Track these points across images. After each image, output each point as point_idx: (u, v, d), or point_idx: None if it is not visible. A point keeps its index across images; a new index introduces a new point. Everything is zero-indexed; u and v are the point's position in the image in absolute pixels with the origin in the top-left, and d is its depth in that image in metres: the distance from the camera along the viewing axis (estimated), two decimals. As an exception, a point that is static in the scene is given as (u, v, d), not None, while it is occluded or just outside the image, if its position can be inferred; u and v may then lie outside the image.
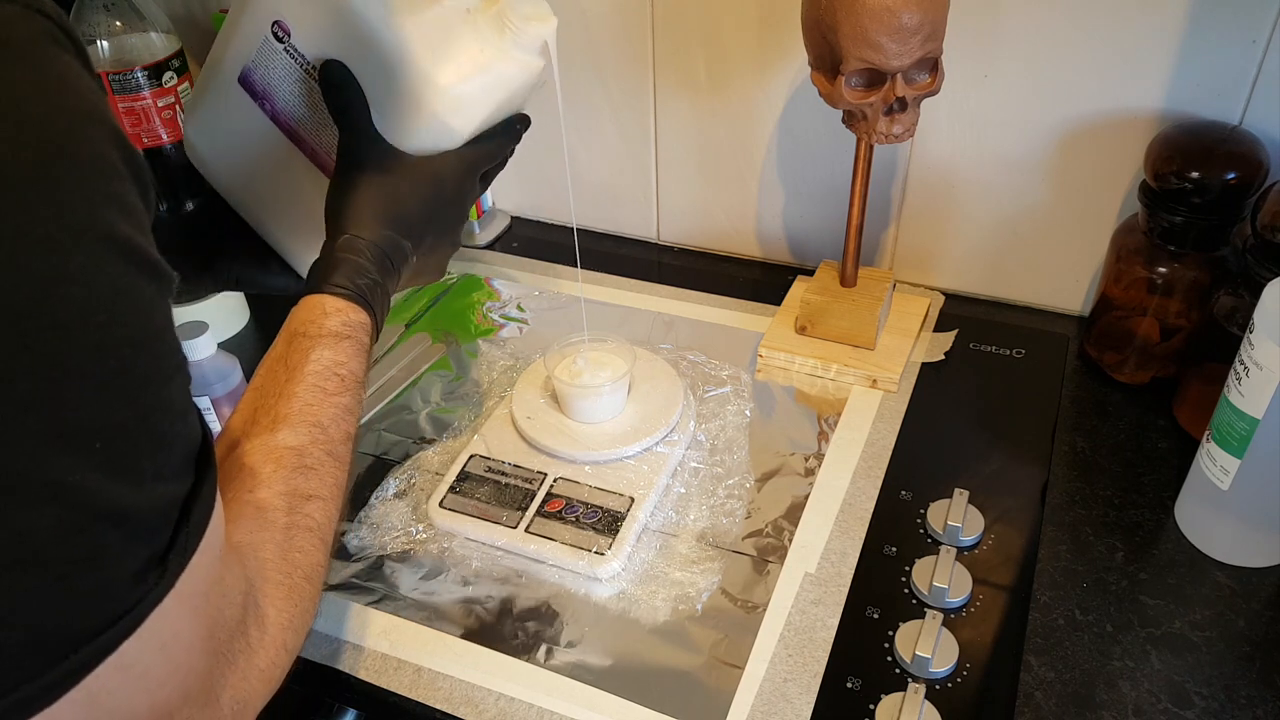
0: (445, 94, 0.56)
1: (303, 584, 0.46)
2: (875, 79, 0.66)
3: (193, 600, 0.36)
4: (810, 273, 0.87)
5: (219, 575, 0.39)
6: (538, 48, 0.58)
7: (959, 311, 0.87)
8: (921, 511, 0.67)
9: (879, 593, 0.62)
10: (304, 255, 0.66)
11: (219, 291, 0.70)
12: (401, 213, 0.58)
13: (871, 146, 0.74)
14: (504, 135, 0.64)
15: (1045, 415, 0.75)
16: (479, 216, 1.02)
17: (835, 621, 0.60)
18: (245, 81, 0.63)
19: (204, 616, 0.37)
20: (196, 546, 0.35)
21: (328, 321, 0.54)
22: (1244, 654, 0.58)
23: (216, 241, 0.69)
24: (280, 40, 0.60)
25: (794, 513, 0.68)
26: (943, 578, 0.61)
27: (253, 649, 0.42)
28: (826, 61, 0.68)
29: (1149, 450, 0.72)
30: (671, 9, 0.84)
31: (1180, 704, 0.55)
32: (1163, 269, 0.73)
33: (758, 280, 0.93)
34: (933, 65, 0.67)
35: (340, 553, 0.67)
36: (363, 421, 0.78)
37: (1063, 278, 0.85)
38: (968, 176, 0.83)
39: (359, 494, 0.71)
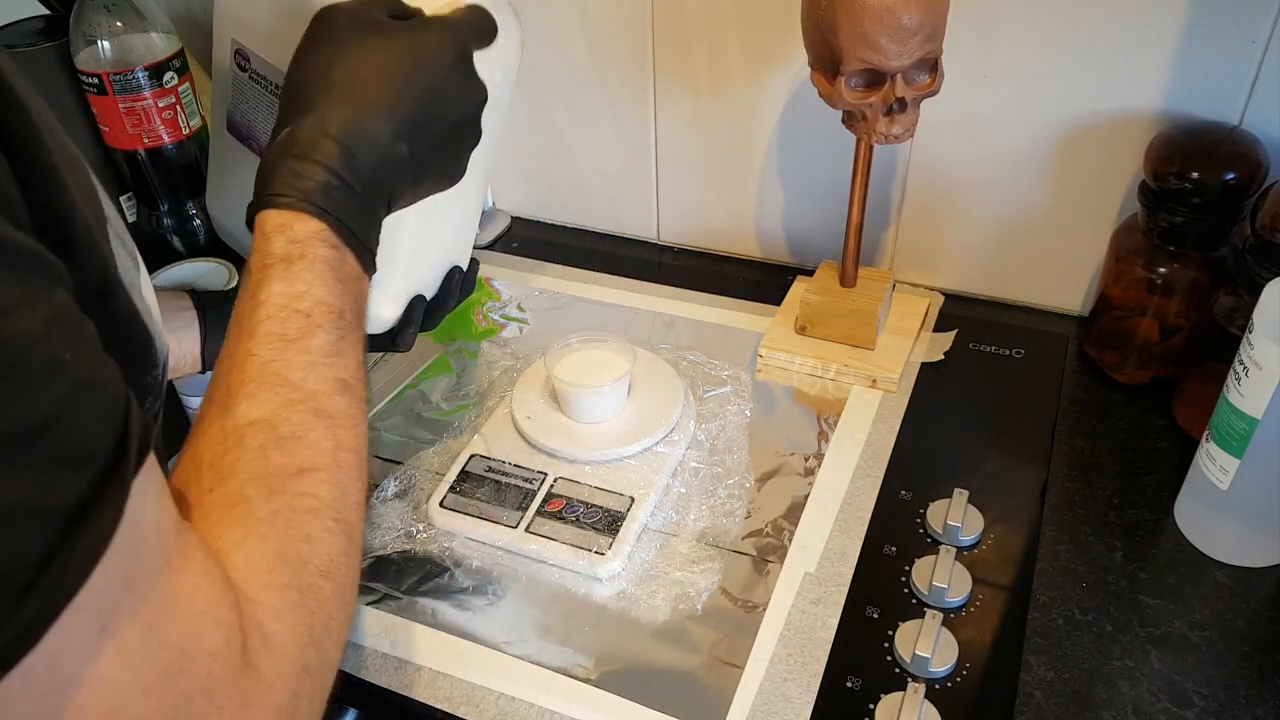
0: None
1: (318, 581, 0.37)
2: (875, 79, 0.66)
3: (105, 637, 0.28)
4: (810, 273, 0.87)
5: (169, 595, 0.30)
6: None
7: (959, 311, 0.87)
8: (921, 511, 0.67)
9: (879, 592, 0.62)
10: None
11: None
12: (355, 85, 0.45)
13: (871, 147, 0.74)
14: (478, 18, 0.53)
15: (1045, 415, 0.75)
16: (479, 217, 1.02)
17: (835, 621, 0.61)
18: (231, 127, 0.62)
19: (143, 654, 0.29)
20: (84, 572, 0.27)
21: (270, 245, 0.42)
22: (1244, 653, 0.58)
23: None
24: (244, 69, 0.59)
25: (794, 512, 0.68)
26: (942, 577, 0.61)
27: (264, 682, 0.33)
28: (826, 62, 0.68)
29: (1148, 450, 0.72)
30: (671, 9, 0.84)
31: (1180, 704, 0.55)
32: (1162, 269, 0.73)
33: (758, 280, 0.94)
34: (932, 65, 0.67)
35: (340, 552, 0.67)
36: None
37: (1062, 278, 0.85)
38: (967, 177, 0.83)
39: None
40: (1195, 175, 0.68)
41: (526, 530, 0.67)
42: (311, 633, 0.36)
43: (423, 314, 0.63)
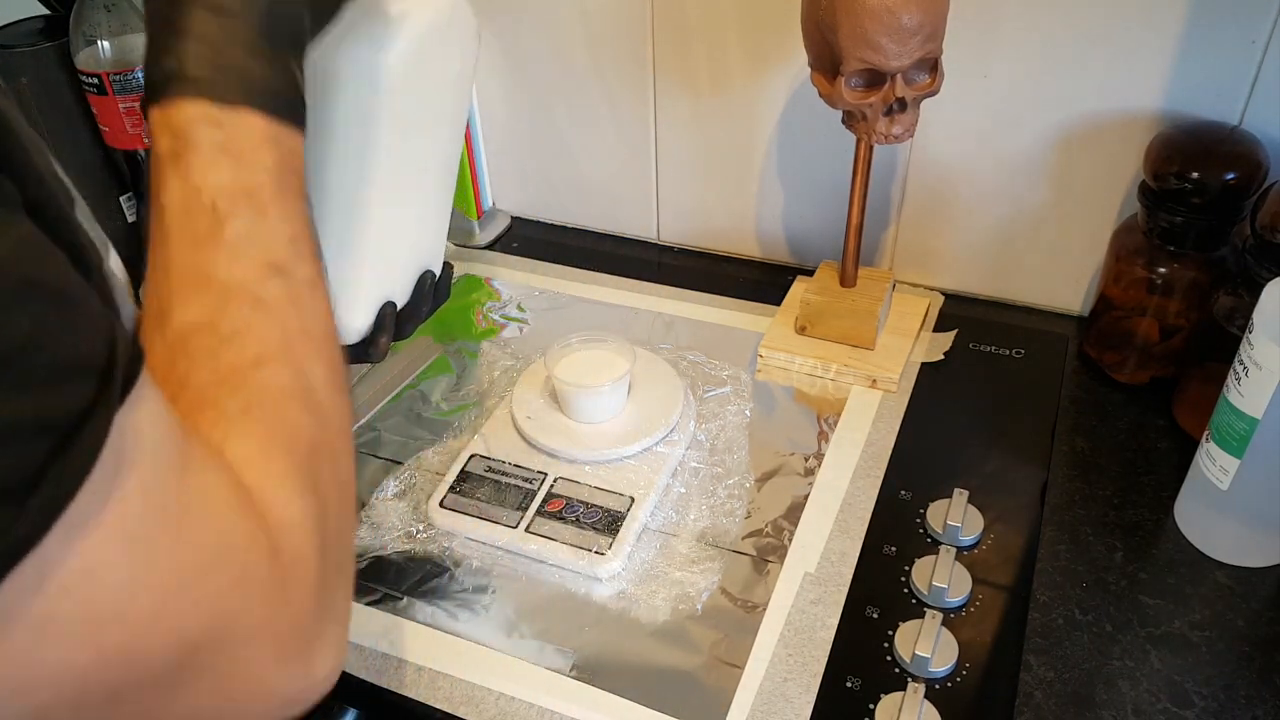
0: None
1: (310, 462, 0.37)
2: (875, 79, 0.66)
3: (134, 546, 0.29)
4: (810, 273, 0.87)
5: (191, 497, 0.31)
6: None
7: (958, 311, 0.87)
8: (921, 511, 0.67)
9: (878, 592, 0.62)
10: None
11: None
12: None
13: (871, 147, 0.74)
14: None
15: (1045, 415, 0.75)
16: (479, 217, 1.02)
17: (835, 621, 0.61)
18: None
19: (172, 558, 0.30)
20: (81, 474, 0.28)
21: (158, 145, 0.39)
22: (1243, 653, 0.58)
23: None
24: None
25: (794, 512, 0.68)
26: (942, 577, 0.61)
27: (295, 564, 0.34)
28: (826, 62, 0.68)
29: (1148, 450, 0.72)
30: (671, 9, 0.84)
31: (1180, 704, 0.55)
32: (1162, 269, 0.73)
33: (758, 280, 0.94)
34: (932, 65, 0.67)
35: (340, 552, 0.67)
36: (364, 421, 0.79)
37: (1062, 278, 0.85)
38: (967, 177, 0.83)
39: (359, 494, 0.71)
40: (1195, 175, 0.68)
41: (526, 530, 0.67)
42: (322, 510, 0.36)
43: (395, 322, 0.61)
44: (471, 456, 0.73)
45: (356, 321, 0.59)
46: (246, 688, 0.33)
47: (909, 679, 0.57)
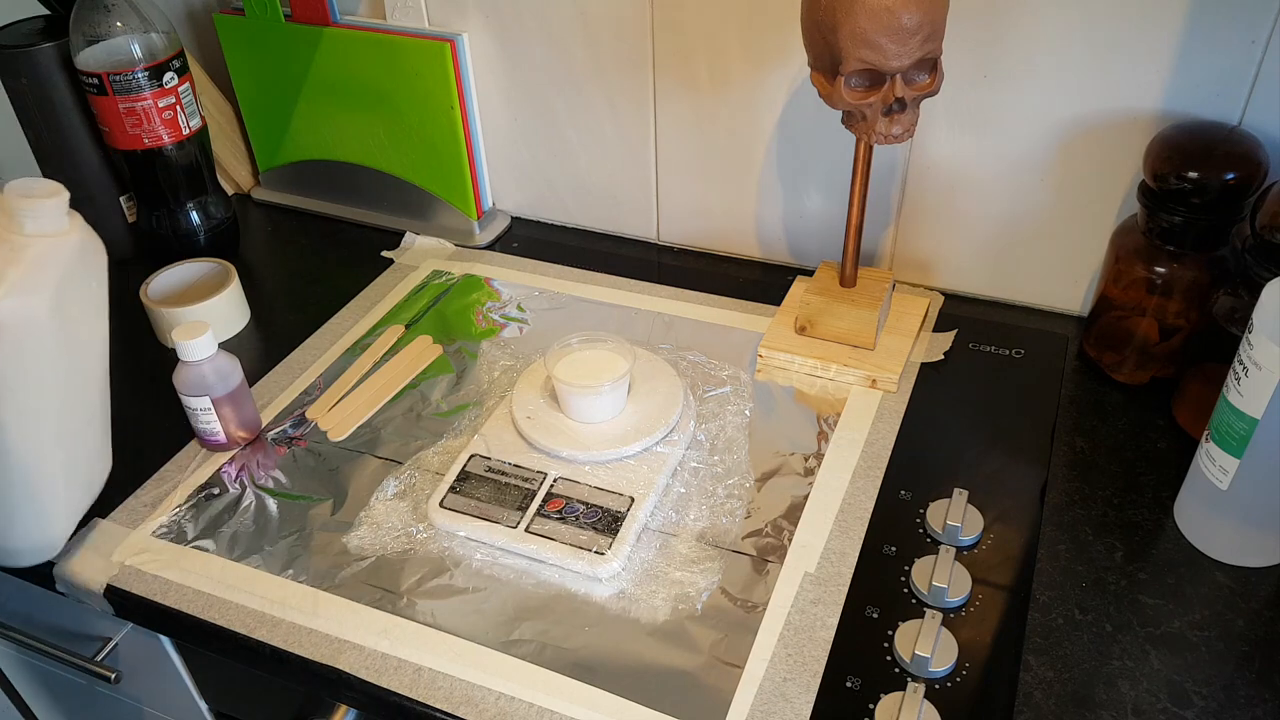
0: None
1: None
2: (875, 79, 0.66)
3: None
4: (810, 273, 0.87)
5: None
6: (53, 223, 0.59)
7: (958, 311, 0.87)
8: (921, 511, 0.67)
9: (878, 592, 0.62)
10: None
11: None
12: None
13: (871, 147, 0.74)
14: None
15: (1044, 415, 0.75)
16: (479, 217, 1.02)
17: (835, 621, 0.61)
18: None
19: None
20: None
21: None
22: (1243, 653, 0.58)
23: None
24: None
25: (794, 512, 0.68)
26: (942, 577, 0.61)
27: None
28: (826, 62, 0.68)
29: (1148, 450, 0.72)
30: (671, 9, 0.84)
31: (1179, 703, 0.55)
32: (1162, 269, 0.73)
33: (758, 280, 0.94)
34: (932, 66, 0.67)
35: (341, 552, 0.67)
36: (364, 421, 0.79)
37: (1062, 278, 0.85)
38: (967, 177, 0.83)
39: (359, 494, 0.72)
40: (1195, 175, 0.68)
41: (526, 530, 0.67)
42: None
43: None
44: (471, 456, 0.73)
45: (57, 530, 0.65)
46: None
47: (909, 679, 0.57)
